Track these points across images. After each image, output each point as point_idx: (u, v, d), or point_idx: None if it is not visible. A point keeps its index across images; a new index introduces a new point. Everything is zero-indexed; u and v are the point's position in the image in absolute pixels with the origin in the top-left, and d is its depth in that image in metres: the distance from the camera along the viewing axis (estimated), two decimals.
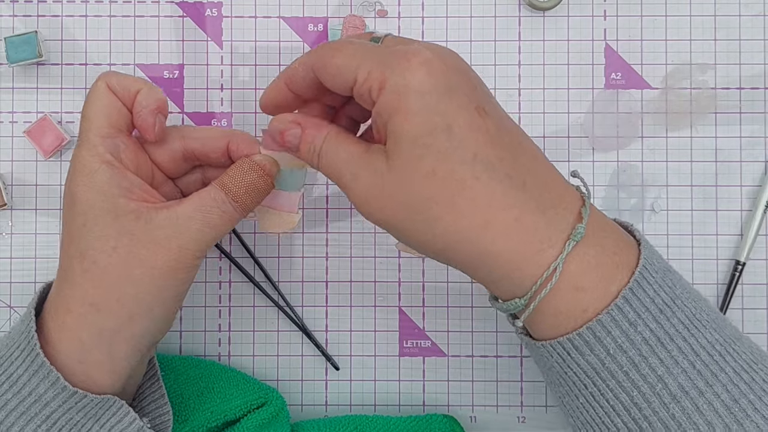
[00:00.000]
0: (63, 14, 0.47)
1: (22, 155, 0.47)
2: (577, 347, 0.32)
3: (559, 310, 0.32)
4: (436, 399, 0.47)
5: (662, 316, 0.32)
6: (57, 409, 0.34)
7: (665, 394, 0.31)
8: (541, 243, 0.31)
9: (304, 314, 0.47)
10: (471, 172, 0.31)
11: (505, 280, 0.32)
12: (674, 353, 0.31)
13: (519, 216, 0.31)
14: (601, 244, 0.32)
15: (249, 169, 0.37)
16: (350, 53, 0.33)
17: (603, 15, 0.47)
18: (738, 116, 0.47)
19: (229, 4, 0.47)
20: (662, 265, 0.33)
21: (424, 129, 0.31)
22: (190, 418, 0.42)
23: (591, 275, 0.32)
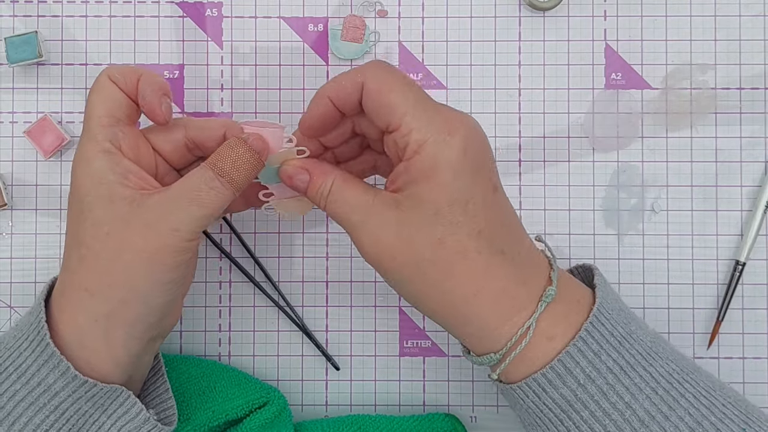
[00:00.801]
0: (63, 14, 0.47)
1: (22, 155, 0.47)
2: (550, 381, 0.34)
3: (532, 358, 0.35)
4: (437, 399, 0.47)
5: (621, 347, 0.34)
6: (66, 399, 0.34)
7: (634, 420, 0.33)
8: (518, 308, 0.35)
9: (304, 314, 0.47)
10: (475, 246, 0.34)
11: (483, 338, 0.36)
12: (637, 381, 0.34)
13: (506, 286, 0.35)
14: (566, 298, 0.36)
15: (235, 145, 0.36)
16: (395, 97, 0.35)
17: (603, 15, 0.47)
18: (738, 116, 0.47)
19: (229, 4, 0.47)
20: (617, 305, 0.36)
21: (446, 201, 0.34)
22: (192, 418, 0.42)
23: (560, 325, 0.35)
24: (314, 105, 0.37)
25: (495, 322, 0.35)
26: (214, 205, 0.36)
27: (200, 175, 0.36)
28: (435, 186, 0.34)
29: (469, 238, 0.34)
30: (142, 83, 0.37)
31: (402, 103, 0.34)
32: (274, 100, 0.47)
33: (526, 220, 0.47)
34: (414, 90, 0.35)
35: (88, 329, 0.35)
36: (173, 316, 0.40)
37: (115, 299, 0.35)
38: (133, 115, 0.38)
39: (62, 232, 0.47)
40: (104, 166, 0.35)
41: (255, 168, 0.37)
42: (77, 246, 0.35)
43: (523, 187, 0.47)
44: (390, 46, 0.47)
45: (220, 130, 0.39)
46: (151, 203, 0.35)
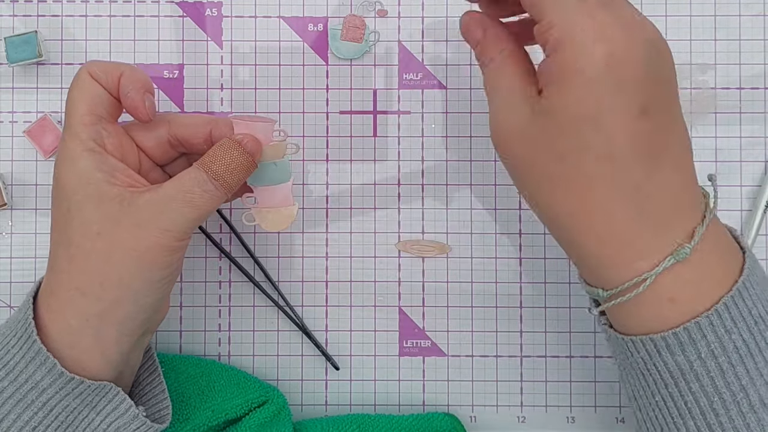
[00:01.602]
0: (63, 14, 0.47)
1: (22, 155, 0.47)
2: (669, 346, 0.32)
3: (644, 315, 0.32)
4: (436, 399, 0.47)
5: (756, 328, 0.32)
6: (53, 396, 0.34)
7: (744, 403, 0.31)
8: (640, 253, 0.32)
9: (304, 314, 0.47)
10: (600, 172, 0.31)
11: (594, 272, 0.33)
12: (761, 365, 0.32)
13: (630, 228, 0.31)
14: (705, 261, 0.32)
15: (229, 147, 0.36)
16: None
17: None
18: (738, 116, 0.47)
19: (229, 4, 0.47)
20: (762, 277, 0.33)
21: (575, 113, 0.30)
22: (192, 417, 0.42)
23: (688, 290, 0.32)
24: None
25: (608, 261, 0.32)
26: (207, 207, 0.36)
27: (193, 177, 0.36)
28: (564, 94, 0.30)
29: (596, 162, 0.30)
30: (124, 80, 0.37)
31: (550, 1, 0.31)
32: (274, 100, 0.47)
33: (527, 219, 0.47)
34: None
35: (79, 329, 0.35)
36: (162, 311, 0.40)
37: (107, 298, 0.35)
38: (114, 112, 0.38)
39: None
40: (90, 165, 0.35)
41: (248, 170, 0.37)
42: (66, 245, 0.35)
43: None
44: (390, 46, 0.47)
45: (206, 127, 0.38)
46: (141, 202, 0.35)
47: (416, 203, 0.47)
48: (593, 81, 0.30)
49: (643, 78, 0.31)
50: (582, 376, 0.47)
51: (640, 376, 0.34)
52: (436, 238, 0.47)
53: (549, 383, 0.47)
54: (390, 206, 0.47)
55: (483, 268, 0.47)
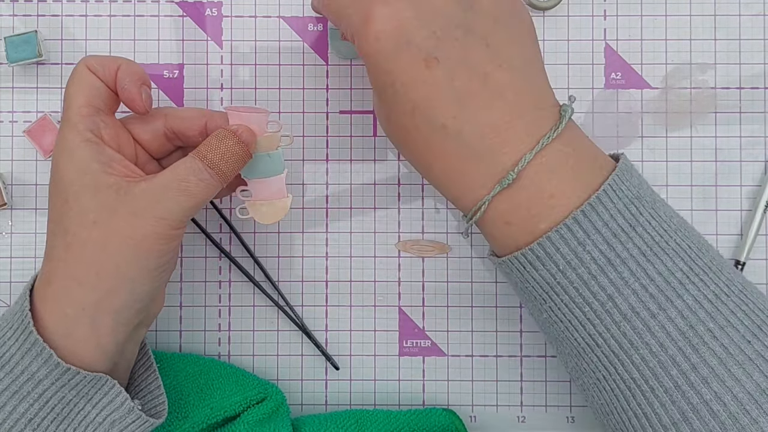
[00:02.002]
0: (63, 14, 0.47)
1: (22, 155, 0.47)
2: (530, 261, 0.34)
3: (495, 237, 0.36)
4: (436, 399, 0.47)
5: (615, 239, 0.33)
6: (49, 387, 0.35)
7: (615, 312, 0.33)
8: (471, 186, 0.35)
9: (304, 314, 0.47)
10: (412, 122, 0.35)
11: (457, 205, 0.37)
12: (625, 275, 0.33)
13: (454, 164, 0.35)
14: (542, 182, 0.34)
15: (224, 137, 0.37)
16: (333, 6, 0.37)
17: (603, 15, 0.47)
18: (738, 116, 0.47)
19: (229, 4, 0.47)
20: (636, 193, 0.34)
21: (377, 85, 0.35)
22: (191, 415, 0.42)
23: (520, 212, 0.34)
24: None
25: (452, 195, 0.36)
26: (202, 196, 0.36)
27: (189, 166, 0.36)
28: (369, 70, 0.35)
29: (404, 116, 0.35)
30: (121, 73, 0.37)
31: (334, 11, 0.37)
32: (274, 100, 0.47)
33: None
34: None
35: (75, 318, 0.35)
36: (157, 303, 0.40)
37: (103, 287, 0.35)
38: (112, 104, 0.38)
39: None
40: (87, 155, 0.35)
41: (243, 159, 0.38)
42: (62, 234, 0.35)
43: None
44: None
45: (201, 119, 0.39)
46: (137, 191, 0.35)
47: (416, 203, 0.47)
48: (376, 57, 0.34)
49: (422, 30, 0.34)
50: None
51: (525, 296, 0.37)
52: (436, 238, 0.47)
53: (549, 383, 0.47)
54: (390, 206, 0.47)
55: (483, 268, 0.47)
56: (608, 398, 0.35)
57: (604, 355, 0.34)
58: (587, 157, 0.35)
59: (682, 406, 0.32)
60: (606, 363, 0.34)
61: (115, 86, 0.38)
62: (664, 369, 0.32)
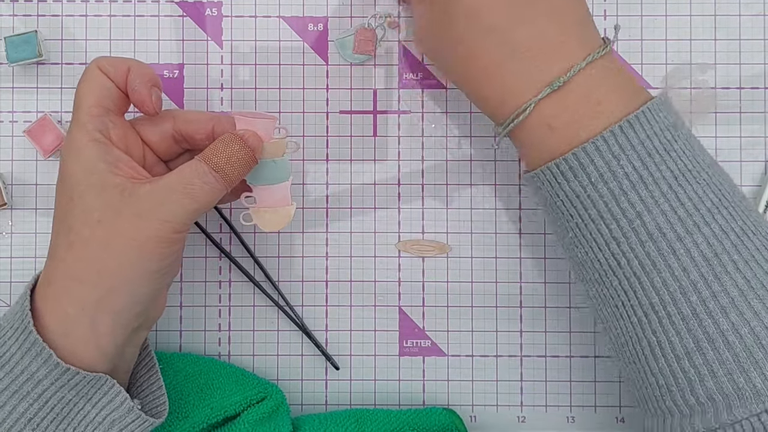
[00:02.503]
0: (63, 14, 0.47)
1: (22, 155, 0.47)
2: (563, 172, 0.35)
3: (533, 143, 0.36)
4: (436, 399, 0.47)
5: (649, 159, 0.34)
6: (49, 387, 0.35)
7: (642, 231, 0.33)
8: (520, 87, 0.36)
9: (304, 314, 0.47)
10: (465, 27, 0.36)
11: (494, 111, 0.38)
12: (656, 194, 0.33)
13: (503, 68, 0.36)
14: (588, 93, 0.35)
15: (230, 141, 0.37)
16: None
17: (603, 15, 0.47)
18: (738, 116, 0.47)
19: (229, 4, 0.47)
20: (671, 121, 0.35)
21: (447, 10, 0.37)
22: (191, 415, 0.42)
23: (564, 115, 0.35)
24: None
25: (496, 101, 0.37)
26: (207, 199, 0.36)
27: (194, 169, 0.36)
28: None
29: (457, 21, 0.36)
30: (132, 74, 0.37)
31: None
32: (274, 100, 0.47)
33: (527, 219, 0.47)
34: None
35: (75, 317, 0.35)
36: (158, 306, 0.40)
37: (104, 287, 0.35)
38: (122, 105, 0.38)
39: None
40: (94, 155, 0.36)
41: (249, 164, 0.38)
42: (66, 233, 0.35)
43: (523, 187, 0.47)
44: (390, 46, 0.47)
45: (208, 123, 0.39)
46: (142, 193, 0.35)
47: (416, 203, 0.47)
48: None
49: None
50: (582, 376, 0.47)
51: (554, 212, 0.37)
52: (436, 238, 0.47)
53: (549, 383, 0.47)
54: (390, 206, 0.47)
55: (483, 268, 0.47)
56: (624, 327, 0.35)
57: (625, 277, 0.34)
58: (629, 80, 0.37)
59: (698, 334, 0.32)
60: (626, 286, 0.34)
61: (125, 87, 0.38)
62: (684, 294, 0.32)
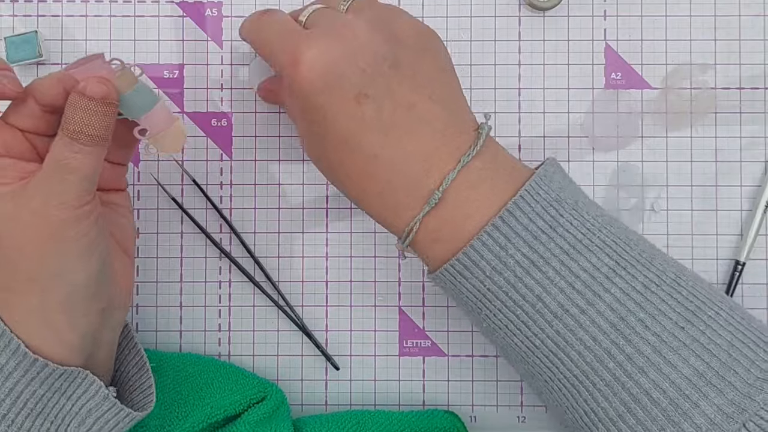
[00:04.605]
0: (63, 14, 0.47)
1: None
2: (459, 272, 0.36)
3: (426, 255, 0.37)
4: (436, 399, 0.47)
5: (536, 241, 0.34)
6: (20, 380, 0.34)
7: (546, 312, 0.34)
8: (402, 209, 0.36)
9: (304, 314, 0.47)
10: (342, 155, 0.36)
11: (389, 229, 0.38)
12: (550, 274, 0.34)
13: (383, 189, 0.36)
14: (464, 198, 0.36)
15: (75, 101, 0.35)
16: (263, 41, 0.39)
17: (603, 15, 0.47)
18: (738, 116, 0.47)
19: (229, 4, 0.47)
20: (554, 196, 0.36)
21: (307, 121, 0.37)
22: (190, 415, 0.42)
23: (446, 230, 0.36)
24: None
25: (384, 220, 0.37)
26: (88, 164, 0.34)
27: (60, 144, 0.34)
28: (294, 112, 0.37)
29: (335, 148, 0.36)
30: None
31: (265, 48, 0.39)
32: None
33: None
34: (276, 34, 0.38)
35: (27, 322, 0.35)
36: (118, 284, 0.38)
37: (37, 290, 0.34)
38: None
39: None
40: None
41: (107, 114, 0.35)
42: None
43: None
44: None
45: (58, 86, 0.36)
46: (29, 190, 0.34)
47: None
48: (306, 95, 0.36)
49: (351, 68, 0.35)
50: None
51: (464, 308, 0.38)
52: None
53: None
54: None
55: None
56: (558, 397, 0.36)
57: (544, 355, 0.35)
58: (506, 170, 0.37)
59: (624, 397, 0.33)
60: (548, 363, 0.35)
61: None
62: (601, 363, 0.33)
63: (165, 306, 0.47)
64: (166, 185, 0.47)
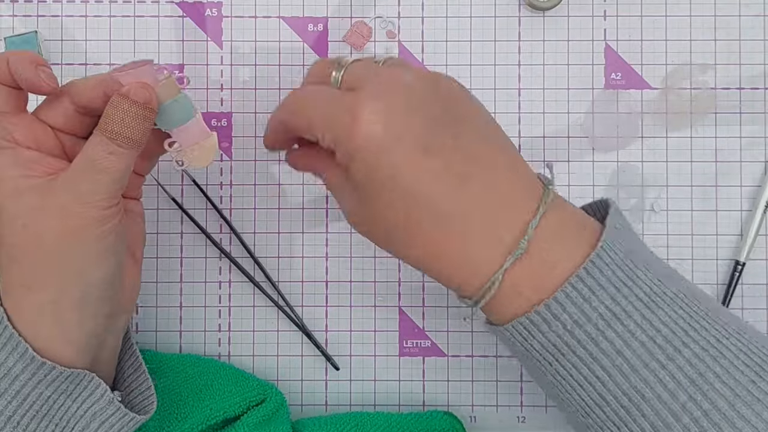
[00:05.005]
0: (63, 14, 0.47)
1: None
2: (536, 324, 0.34)
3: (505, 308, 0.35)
4: (436, 399, 0.47)
5: (619, 294, 0.33)
6: (26, 383, 0.34)
7: (625, 366, 0.33)
8: (481, 265, 0.35)
9: (304, 314, 0.47)
10: (417, 213, 0.34)
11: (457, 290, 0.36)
12: (631, 327, 0.33)
13: (459, 248, 0.34)
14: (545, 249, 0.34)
15: (118, 103, 0.35)
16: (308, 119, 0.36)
17: (603, 15, 0.47)
18: (738, 116, 0.47)
19: (229, 4, 0.47)
20: (628, 247, 0.35)
21: (369, 182, 0.34)
22: (189, 416, 0.42)
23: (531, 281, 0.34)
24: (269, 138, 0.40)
25: (459, 279, 0.35)
26: (120, 167, 0.35)
27: (95, 143, 0.35)
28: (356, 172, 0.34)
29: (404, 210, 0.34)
30: (12, 65, 0.35)
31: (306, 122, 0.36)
32: (274, 100, 0.47)
33: None
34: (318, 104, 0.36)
35: (38, 320, 0.35)
36: (128, 288, 0.39)
37: (53, 287, 0.35)
38: (17, 102, 0.37)
39: None
40: (3, 162, 0.35)
41: (147, 118, 0.36)
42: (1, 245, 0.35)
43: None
44: (390, 46, 0.47)
45: (98, 89, 0.36)
46: (58, 185, 0.34)
47: None
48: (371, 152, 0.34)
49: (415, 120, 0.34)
50: None
51: (527, 360, 0.36)
52: None
53: None
54: None
55: None
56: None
57: (613, 411, 0.34)
58: (575, 217, 0.36)
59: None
60: (615, 419, 0.34)
61: (12, 82, 0.36)
62: (676, 418, 0.32)
63: (165, 306, 0.47)
64: (166, 185, 0.47)
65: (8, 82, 0.36)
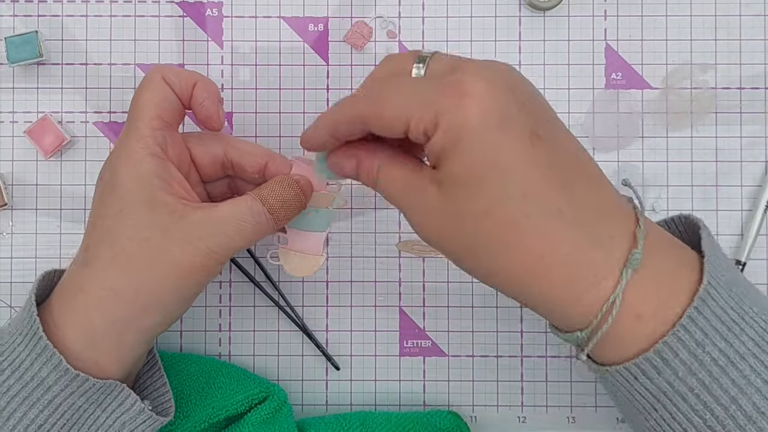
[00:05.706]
0: (63, 14, 0.47)
1: (22, 155, 0.47)
2: (644, 371, 0.31)
3: (620, 338, 0.31)
4: (437, 399, 0.47)
5: (731, 334, 0.30)
6: (59, 393, 0.34)
7: (740, 415, 0.30)
8: (595, 276, 0.30)
9: (304, 314, 0.47)
10: (521, 211, 0.30)
11: (563, 314, 0.32)
12: (746, 372, 0.30)
13: (571, 251, 0.30)
14: (657, 268, 0.31)
15: (288, 186, 0.37)
16: (400, 103, 0.32)
17: (603, 15, 0.47)
18: (738, 116, 0.47)
19: (229, 4, 0.47)
20: (728, 276, 0.32)
21: (474, 170, 0.30)
22: (192, 415, 0.42)
23: (650, 301, 0.31)
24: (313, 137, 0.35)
25: (569, 297, 0.31)
26: (254, 237, 0.36)
27: (248, 206, 0.36)
28: (457, 156, 0.30)
29: (513, 203, 0.30)
30: (198, 89, 0.37)
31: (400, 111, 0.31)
32: (274, 100, 0.47)
33: None
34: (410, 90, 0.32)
35: (102, 330, 0.35)
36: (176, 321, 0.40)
37: (138, 305, 0.35)
38: (179, 119, 0.38)
39: (63, 232, 0.47)
40: (151, 170, 0.35)
41: (298, 210, 0.38)
42: (110, 244, 0.35)
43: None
44: (390, 46, 0.47)
45: (262, 158, 0.39)
46: (193, 219, 0.35)
47: None
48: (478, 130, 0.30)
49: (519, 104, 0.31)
50: None
51: (628, 403, 0.33)
52: None
53: (549, 383, 0.47)
54: (390, 206, 0.47)
55: None
56: None
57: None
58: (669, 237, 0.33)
59: None
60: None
61: (188, 102, 0.37)
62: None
63: None
64: None
65: (185, 100, 0.37)
